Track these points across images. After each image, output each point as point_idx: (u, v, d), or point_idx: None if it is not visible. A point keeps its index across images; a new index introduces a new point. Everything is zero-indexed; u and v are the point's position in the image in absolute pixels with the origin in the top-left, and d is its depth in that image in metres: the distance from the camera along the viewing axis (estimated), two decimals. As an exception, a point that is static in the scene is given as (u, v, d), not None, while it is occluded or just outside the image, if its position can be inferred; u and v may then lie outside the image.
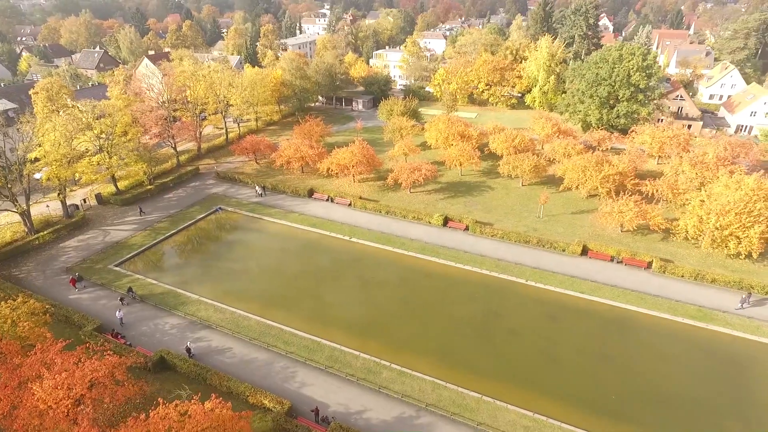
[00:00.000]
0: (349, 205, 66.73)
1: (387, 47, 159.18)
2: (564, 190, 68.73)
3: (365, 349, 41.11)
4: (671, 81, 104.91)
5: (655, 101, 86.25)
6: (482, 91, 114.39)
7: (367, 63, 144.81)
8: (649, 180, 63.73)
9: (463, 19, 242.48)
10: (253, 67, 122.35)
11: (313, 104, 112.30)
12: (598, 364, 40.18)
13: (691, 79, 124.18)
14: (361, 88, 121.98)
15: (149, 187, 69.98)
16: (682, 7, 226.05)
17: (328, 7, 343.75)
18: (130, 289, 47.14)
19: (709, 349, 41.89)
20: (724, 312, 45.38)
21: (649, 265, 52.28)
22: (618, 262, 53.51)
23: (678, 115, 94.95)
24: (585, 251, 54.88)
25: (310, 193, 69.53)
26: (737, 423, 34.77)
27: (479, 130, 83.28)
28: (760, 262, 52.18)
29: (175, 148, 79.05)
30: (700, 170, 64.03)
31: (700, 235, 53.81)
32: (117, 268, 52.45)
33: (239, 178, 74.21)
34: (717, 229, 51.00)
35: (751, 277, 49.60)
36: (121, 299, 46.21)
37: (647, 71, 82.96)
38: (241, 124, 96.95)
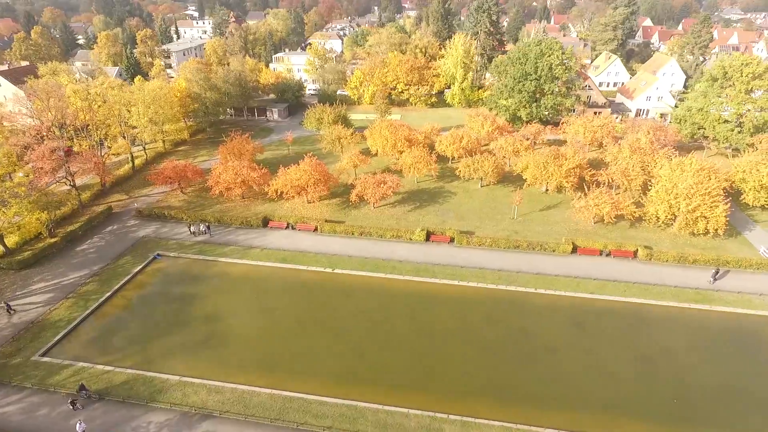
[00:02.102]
0: (315, 230, 59.38)
1: (286, 50, 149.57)
2: (523, 188, 68.59)
3: (411, 402, 35.51)
4: (579, 72, 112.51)
5: (575, 93, 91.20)
6: (401, 92, 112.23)
7: (267, 67, 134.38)
8: (603, 170, 66.33)
9: (350, 18, 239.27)
10: (135, 78, 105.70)
11: (221, 117, 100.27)
12: (643, 367, 39.33)
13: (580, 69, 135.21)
14: (273, 96, 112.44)
15: (52, 240, 55.23)
16: (548, 3, 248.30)
17: (194, 8, 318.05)
18: (81, 387, 35.48)
19: (724, 329, 43.62)
20: (720, 291, 47.92)
21: (635, 254, 53.80)
22: (607, 255, 54.28)
23: (588, 104, 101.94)
24: (574, 249, 54.80)
25: (265, 222, 60.60)
26: (784, 402, 36.15)
27: (422, 133, 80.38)
28: (720, 238, 56.49)
29: (74, 186, 63.83)
30: (639, 156, 68.13)
31: (672, 219, 56.77)
32: (46, 359, 39.63)
33: (169, 214, 62.21)
34: (689, 212, 54.02)
35: (721, 253, 53.46)
36: (73, 403, 34.54)
37: (565, 65, 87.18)
38: (146, 148, 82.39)
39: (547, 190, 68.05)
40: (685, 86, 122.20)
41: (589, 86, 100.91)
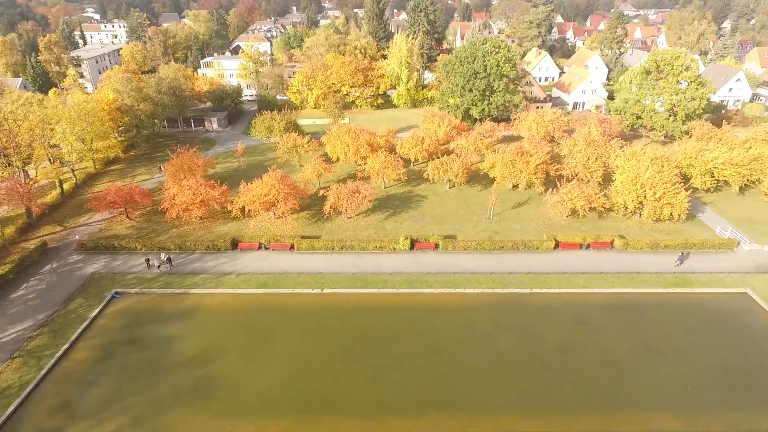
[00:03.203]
0: (291, 248, 55.34)
1: (215, 54, 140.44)
2: (493, 186, 68.88)
3: (443, 426, 33.49)
4: (521, 69, 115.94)
5: (522, 89, 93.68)
6: (346, 94, 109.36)
7: (195, 73, 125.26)
8: (564, 163, 68.30)
9: (274, 19, 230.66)
10: (44, 90, 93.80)
11: (156, 130, 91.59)
12: (654, 359, 40.19)
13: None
14: (209, 105, 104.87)
15: (-21, 287, 46.64)
16: (468, 1, 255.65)
17: (92, 10, 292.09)
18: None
19: (710, 309, 46.03)
20: (695, 273, 50.69)
21: (612, 244, 55.64)
22: (586, 248, 55.64)
23: (530, 100, 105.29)
24: (556, 244, 55.57)
25: (235, 244, 55.49)
26: (779, 375, 38.57)
27: (382, 136, 78.29)
28: (680, 222, 59.95)
29: (-4, 221, 54.58)
30: (594, 148, 71.03)
31: (639, 208, 59.40)
32: (2, 437, 32.90)
33: (119, 245, 55.07)
34: (656, 200, 56.78)
35: (683, 237, 56.82)
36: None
37: (511, 62, 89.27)
38: (75, 170, 72.83)
39: (515, 186, 68.80)
40: (608, 78, 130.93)
41: (529, 82, 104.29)
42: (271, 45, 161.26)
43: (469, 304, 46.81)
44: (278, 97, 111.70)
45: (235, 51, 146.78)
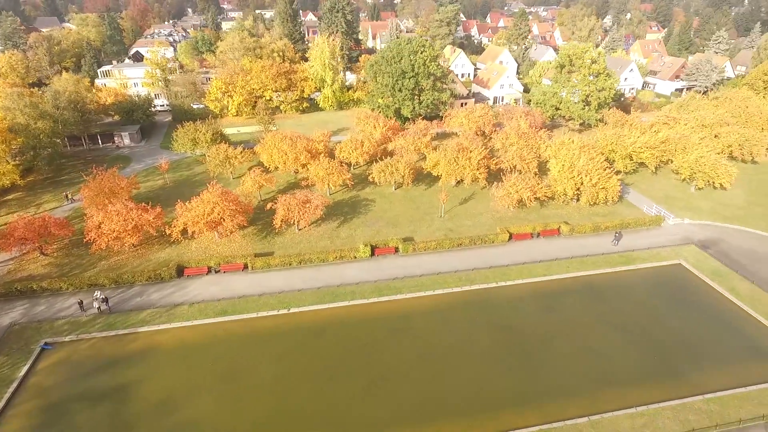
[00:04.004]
0: (245, 268, 51.51)
1: (114, 62, 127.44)
2: (440, 184, 69.60)
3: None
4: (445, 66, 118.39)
5: (448, 87, 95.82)
6: (269, 99, 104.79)
7: (92, 84, 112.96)
8: (500, 157, 70.83)
9: (173, 22, 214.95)
10: None
11: (57, 150, 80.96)
12: (621, 336, 42.71)
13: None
14: (117, 118, 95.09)
15: None
16: (370, 1, 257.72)
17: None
18: None
19: (652, 282, 50.03)
20: (634, 251, 54.87)
21: (559, 231, 58.57)
22: (537, 237, 58.04)
23: (455, 96, 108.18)
24: (510, 236, 57.29)
25: (180, 271, 50.43)
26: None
27: (320, 141, 75.84)
28: (612, 205, 64.71)
29: None
30: (525, 140, 74.57)
31: (577, 194, 63.09)
32: None
33: (39, 287, 47.64)
34: (592, 186, 60.67)
35: (618, 218, 61.45)
36: None
37: (437, 60, 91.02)
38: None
39: (458, 183, 69.99)
40: (518, 72, 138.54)
41: (453, 80, 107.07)
42: (176, 50, 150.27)
43: (441, 305, 46.64)
44: (194, 105, 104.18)
45: (137, 58, 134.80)
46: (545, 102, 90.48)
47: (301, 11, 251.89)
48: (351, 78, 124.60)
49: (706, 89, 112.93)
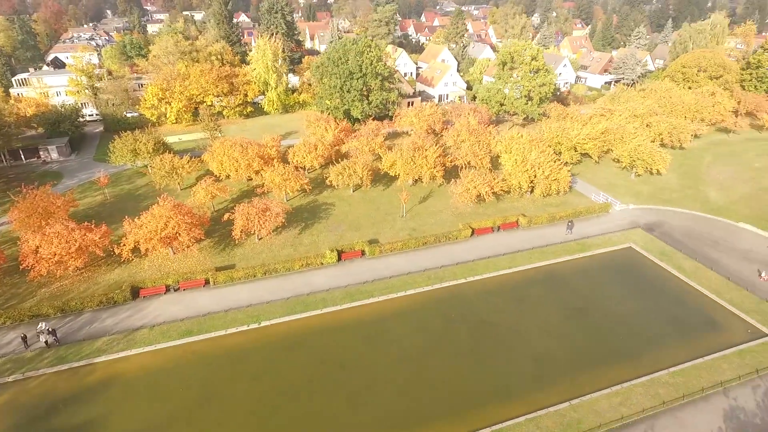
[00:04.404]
0: (206, 284, 48.89)
1: (30, 69, 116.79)
2: (390, 185, 69.59)
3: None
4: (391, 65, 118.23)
5: (396, 86, 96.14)
6: (210, 105, 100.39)
7: (7, 94, 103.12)
8: (454, 153, 72.00)
9: (93, 25, 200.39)
10: None
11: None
12: (588, 320, 44.63)
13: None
14: (41, 131, 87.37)
15: None
16: (314, 0, 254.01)
17: None
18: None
19: (609, 266, 52.76)
20: (588, 237, 57.60)
21: (518, 223, 60.37)
22: (498, 230, 59.47)
23: (402, 95, 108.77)
24: (472, 231, 58.28)
25: (136, 292, 46.98)
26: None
27: (272, 147, 73.53)
28: (562, 195, 67.58)
29: None
30: (476, 136, 76.32)
31: (531, 187, 65.28)
32: None
33: (-29, 322, 42.73)
34: (545, 178, 63.02)
35: (569, 207, 64.32)
36: None
37: (383, 60, 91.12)
38: None
39: (415, 181, 70.35)
40: (458, 70, 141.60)
41: (399, 79, 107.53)
42: (100, 55, 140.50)
43: (414, 306, 46.62)
44: (128, 114, 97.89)
45: (56, 64, 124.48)
46: (490, 98, 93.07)
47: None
48: (294, 80, 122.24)
49: (632, 82, 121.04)
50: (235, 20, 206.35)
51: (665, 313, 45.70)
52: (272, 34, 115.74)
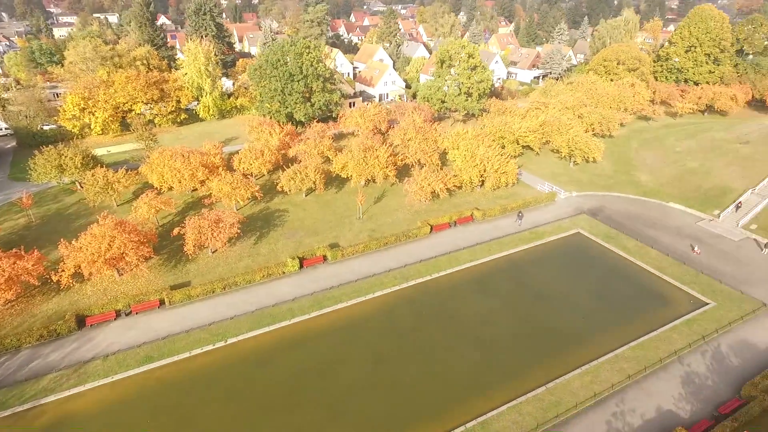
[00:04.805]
0: (162, 304, 45.72)
1: None
2: (342, 187, 68.93)
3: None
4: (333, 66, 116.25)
5: (337, 87, 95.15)
6: (139, 113, 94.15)
7: None
8: (404, 152, 72.51)
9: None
10: None
11: None
12: (551, 304, 46.53)
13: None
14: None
15: None
16: (238, 1, 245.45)
17: None
18: None
19: (562, 252, 55.41)
20: (539, 226, 60.14)
21: (473, 217, 61.83)
22: (454, 225, 60.56)
23: (344, 96, 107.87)
24: (431, 228, 58.91)
25: (81, 321, 42.97)
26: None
27: (215, 154, 70.18)
28: (510, 187, 70.03)
29: None
30: (423, 134, 77.29)
31: (481, 181, 67.05)
32: None
33: None
34: (495, 171, 65.00)
35: (519, 198, 66.87)
36: None
37: (323, 61, 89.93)
38: None
39: (368, 182, 70.01)
40: (394, 68, 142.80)
41: (340, 80, 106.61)
42: (2, 63, 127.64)
43: (384, 307, 46.40)
44: (44, 126, 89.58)
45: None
46: (431, 96, 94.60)
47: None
48: (228, 84, 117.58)
49: (559, 76, 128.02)
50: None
51: (618, 291, 48.71)
52: (202, 37, 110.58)
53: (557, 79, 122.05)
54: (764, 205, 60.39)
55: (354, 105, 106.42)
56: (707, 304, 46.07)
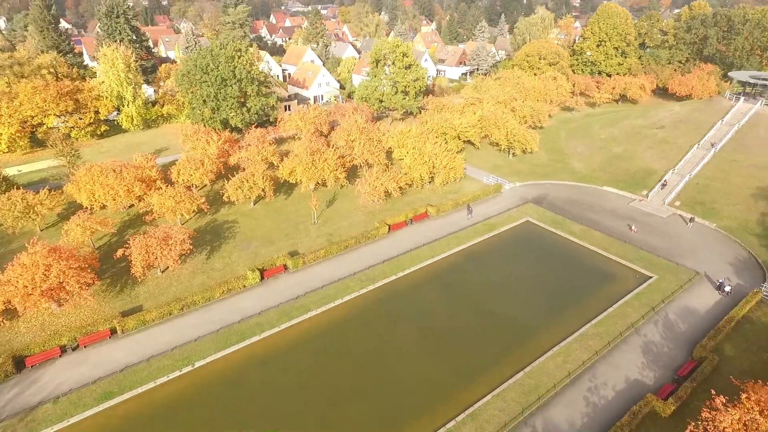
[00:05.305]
0: (112, 334, 41.85)
1: None
2: (290, 193, 67.25)
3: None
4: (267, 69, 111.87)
5: (273, 90, 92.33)
6: (52, 127, 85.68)
7: None
8: (350, 153, 71.98)
9: None
10: None
11: None
12: (513, 293, 48.29)
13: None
14: None
15: None
16: (145, 3, 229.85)
17: None
18: None
19: (516, 240, 57.78)
20: (491, 218, 62.25)
21: (427, 213, 62.68)
22: (410, 223, 61.06)
23: (281, 99, 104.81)
24: (389, 228, 58.93)
25: (19, 363, 38.21)
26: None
27: (150, 167, 65.41)
28: (459, 181, 71.80)
29: None
30: (367, 134, 77.15)
31: (431, 178, 68.06)
32: None
33: None
34: (444, 167, 66.28)
35: (471, 191, 68.78)
36: None
37: (256, 64, 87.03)
38: None
39: (317, 186, 68.63)
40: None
41: (276, 83, 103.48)
42: None
43: (354, 311, 45.78)
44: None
45: None
46: (369, 96, 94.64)
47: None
48: (150, 92, 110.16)
49: (486, 71, 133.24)
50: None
51: (572, 273, 51.63)
52: (117, 42, 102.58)
53: (485, 75, 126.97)
54: (684, 183, 66.77)
55: (289, 108, 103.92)
56: (650, 277, 50.07)
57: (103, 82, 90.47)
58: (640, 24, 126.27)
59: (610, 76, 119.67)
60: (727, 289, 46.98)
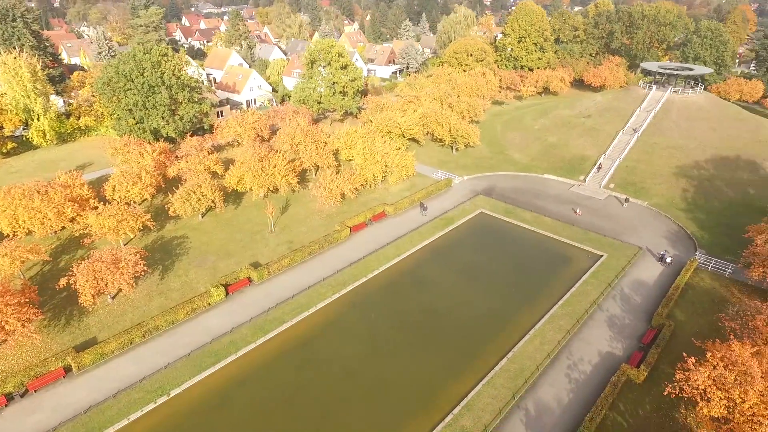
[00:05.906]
0: (68, 372, 37.66)
1: None
2: (238, 203, 64.61)
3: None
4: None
5: (205, 96, 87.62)
6: (-53, 147, 75.47)
7: None
8: (297, 157, 70.35)
9: None
10: None
11: None
12: (481, 283, 49.69)
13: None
14: None
15: None
16: (31, 4, 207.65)
17: None
18: None
19: (472, 232, 59.54)
20: (447, 212, 63.61)
21: (385, 213, 62.74)
22: (370, 224, 60.79)
23: (213, 105, 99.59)
24: (350, 229, 58.24)
25: (-41, 419, 33.22)
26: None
27: (81, 185, 59.55)
28: (410, 178, 72.54)
29: None
30: (311, 136, 75.72)
31: (384, 176, 68.13)
32: None
33: None
34: (397, 166, 66.64)
35: (423, 187, 69.76)
36: None
37: (184, 69, 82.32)
38: None
39: (268, 192, 66.27)
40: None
41: (208, 88, 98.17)
42: None
43: (329, 317, 44.86)
44: None
45: None
46: (307, 98, 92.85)
47: None
48: (60, 103, 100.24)
49: (417, 69, 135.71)
50: None
51: (532, 259, 54.16)
52: (18, 49, 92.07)
53: (416, 73, 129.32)
54: (615, 167, 72.41)
55: (222, 114, 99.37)
56: (601, 256, 53.77)
57: (5, 94, 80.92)
58: (554, 21, 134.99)
59: (531, 70, 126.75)
60: (668, 260, 51.67)
